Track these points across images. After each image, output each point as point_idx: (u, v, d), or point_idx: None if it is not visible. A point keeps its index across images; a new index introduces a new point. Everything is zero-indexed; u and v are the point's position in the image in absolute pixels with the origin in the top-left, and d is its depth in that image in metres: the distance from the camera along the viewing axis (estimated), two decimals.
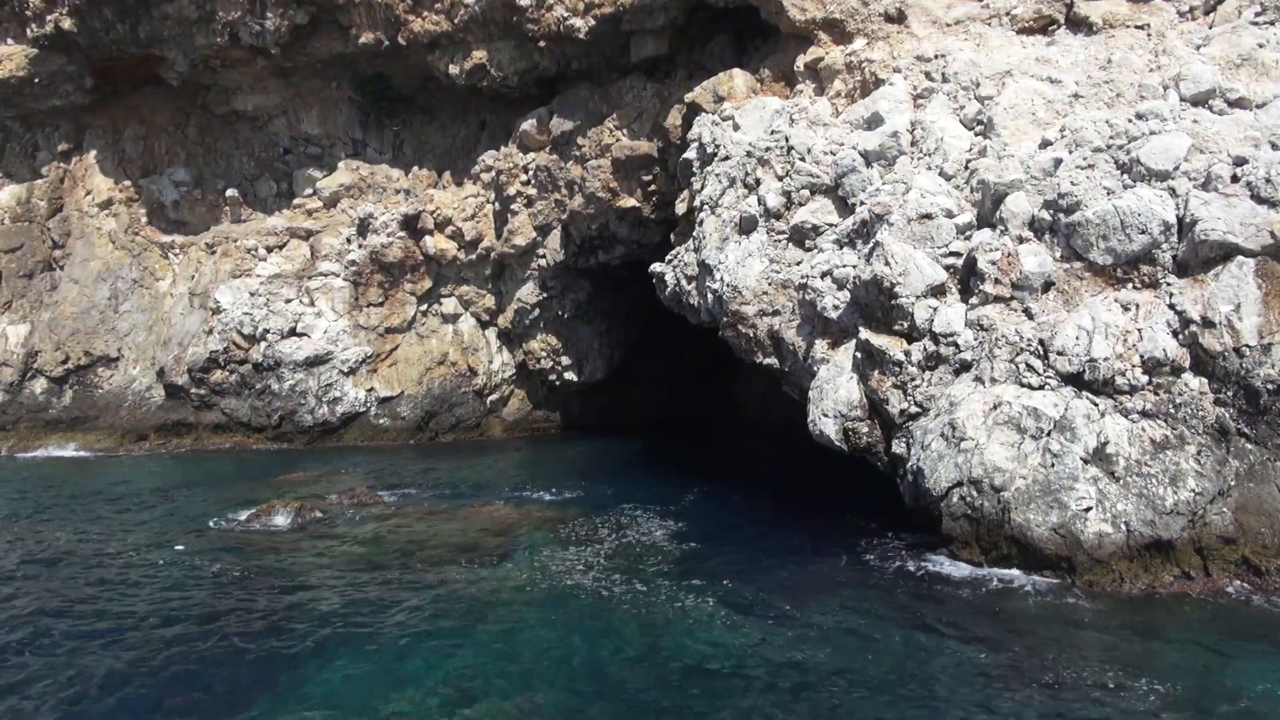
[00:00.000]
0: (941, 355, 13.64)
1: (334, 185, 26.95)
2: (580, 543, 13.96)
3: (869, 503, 16.11)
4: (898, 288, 13.94)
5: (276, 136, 27.94)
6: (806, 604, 11.25)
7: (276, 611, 11.26)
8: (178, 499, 17.25)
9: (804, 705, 8.60)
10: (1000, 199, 14.07)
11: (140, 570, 12.86)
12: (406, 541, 14.01)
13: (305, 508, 15.33)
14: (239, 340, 24.15)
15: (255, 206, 27.93)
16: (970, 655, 9.62)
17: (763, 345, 16.71)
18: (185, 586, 12.17)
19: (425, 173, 26.96)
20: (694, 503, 17.00)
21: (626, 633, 10.37)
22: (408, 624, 10.69)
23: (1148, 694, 8.58)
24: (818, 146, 17.55)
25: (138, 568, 12.98)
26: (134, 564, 13.17)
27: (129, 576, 12.64)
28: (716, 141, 18.81)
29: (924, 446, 12.99)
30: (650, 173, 22.65)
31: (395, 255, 24.85)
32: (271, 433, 23.94)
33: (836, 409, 14.47)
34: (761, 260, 16.92)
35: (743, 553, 13.66)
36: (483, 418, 25.82)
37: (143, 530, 14.95)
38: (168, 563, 13.13)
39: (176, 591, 11.97)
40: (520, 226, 24.73)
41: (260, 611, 11.27)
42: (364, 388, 24.50)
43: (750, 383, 29.75)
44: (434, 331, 25.67)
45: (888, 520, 14.77)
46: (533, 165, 24.31)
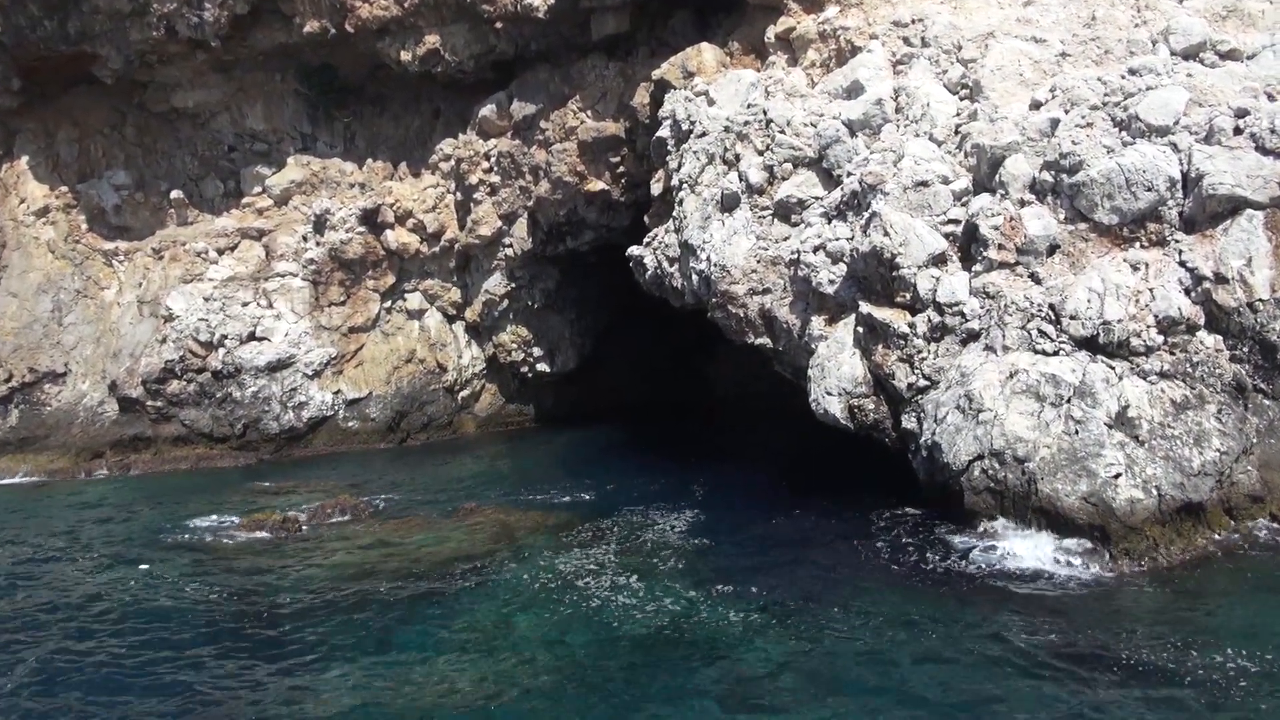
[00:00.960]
0: (947, 326, 13.26)
1: (284, 182, 25.84)
2: (587, 544, 13.36)
3: (874, 481, 15.74)
4: (899, 258, 13.52)
5: (220, 134, 26.68)
6: (843, 599, 10.78)
7: (273, 631, 10.52)
8: (147, 516, 16.29)
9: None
10: (998, 162, 13.70)
11: (129, 590, 11.98)
12: (403, 552, 13.29)
13: (289, 520, 14.50)
14: (195, 348, 23.03)
15: (202, 207, 26.67)
16: (1021, 636, 9.24)
17: (754, 325, 16.20)
18: (180, 610, 11.35)
19: (380, 165, 25.96)
20: (691, 490, 16.46)
21: (661, 651, 9.80)
22: (420, 641, 10.02)
23: (1216, 665, 8.27)
24: (797, 118, 17.05)
25: (119, 591, 12.10)
26: (117, 590, 12.27)
27: (128, 602, 11.76)
28: (692, 118, 18.23)
29: (938, 420, 12.60)
30: (618, 154, 21.99)
31: (355, 251, 23.88)
32: (236, 442, 22.90)
33: (840, 386, 14.03)
34: (748, 238, 16.41)
35: (760, 549, 13.12)
36: (455, 415, 25.01)
37: (113, 548, 14.01)
38: (158, 584, 12.25)
39: (169, 618, 11.14)
40: (484, 216, 23.92)
41: (258, 631, 10.52)
42: (330, 390, 23.55)
43: (724, 365, 29.33)
44: (400, 329, 24.77)
45: (898, 499, 14.40)
46: (494, 152, 23.50)
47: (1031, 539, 11.43)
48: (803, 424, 22.75)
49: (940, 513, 13.16)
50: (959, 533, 12.47)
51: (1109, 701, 7.84)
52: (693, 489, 16.40)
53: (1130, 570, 10.46)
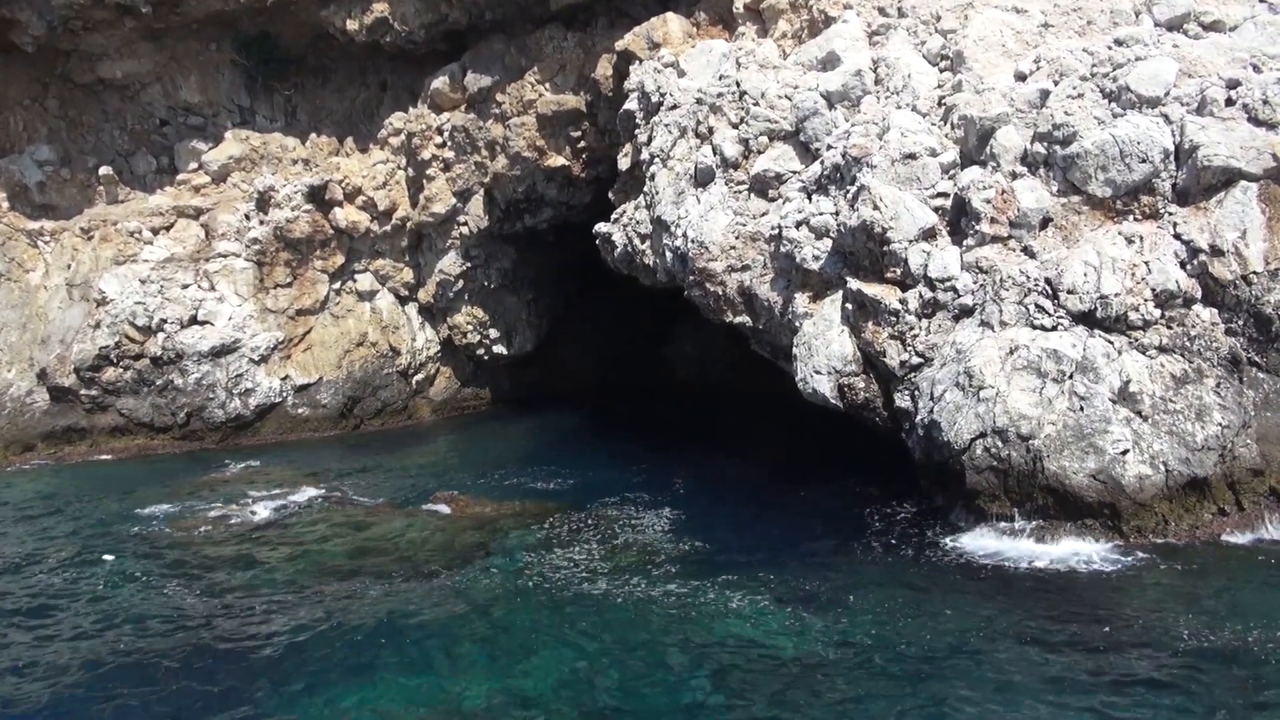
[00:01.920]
0: (939, 301, 12.97)
1: (222, 158, 24.55)
2: (572, 535, 12.84)
3: (857, 461, 15.53)
4: (890, 233, 13.18)
5: (151, 106, 25.25)
6: (841, 585, 10.45)
7: (250, 635, 9.78)
8: (97, 511, 15.23)
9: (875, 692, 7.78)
10: (987, 134, 13.42)
11: (91, 592, 11.07)
12: (379, 544, 12.60)
13: (254, 512, 13.64)
14: (132, 333, 21.77)
15: (133, 185, 25.23)
16: (1028, 621, 8.98)
17: (732, 303, 15.77)
18: (147, 610, 10.50)
19: (325, 140, 24.84)
20: (669, 476, 16.01)
21: (657, 639, 9.36)
22: (406, 641, 9.38)
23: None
24: (771, 90, 16.60)
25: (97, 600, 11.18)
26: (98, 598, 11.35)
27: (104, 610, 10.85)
28: (662, 90, 17.64)
29: (934, 398, 12.32)
30: (579, 128, 21.31)
31: (302, 230, 22.80)
32: (179, 432, 21.73)
33: (830, 365, 13.67)
34: (725, 213, 15.93)
35: (749, 534, 12.78)
36: (410, 400, 24.15)
37: (68, 545, 13.01)
38: (122, 586, 11.35)
39: (137, 623, 10.30)
40: (438, 193, 23.04)
41: (233, 637, 9.76)
42: (278, 376, 22.50)
43: (682, 345, 28.93)
44: (350, 311, 23.77)
45: (886, 480, 14.19)
46: (448, 126, 22.61)
47: (1033, 519, 11.25)
48: (771, 404, 22.66)
49: (934, 490, 13.00)
50: (956, 512, 12.28)
51: (1127, 688, 7.60)
52: (671, 477, 15.95)
53: (1142, 548, 10.29)
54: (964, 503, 12.04)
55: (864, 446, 15.83)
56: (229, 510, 13.84)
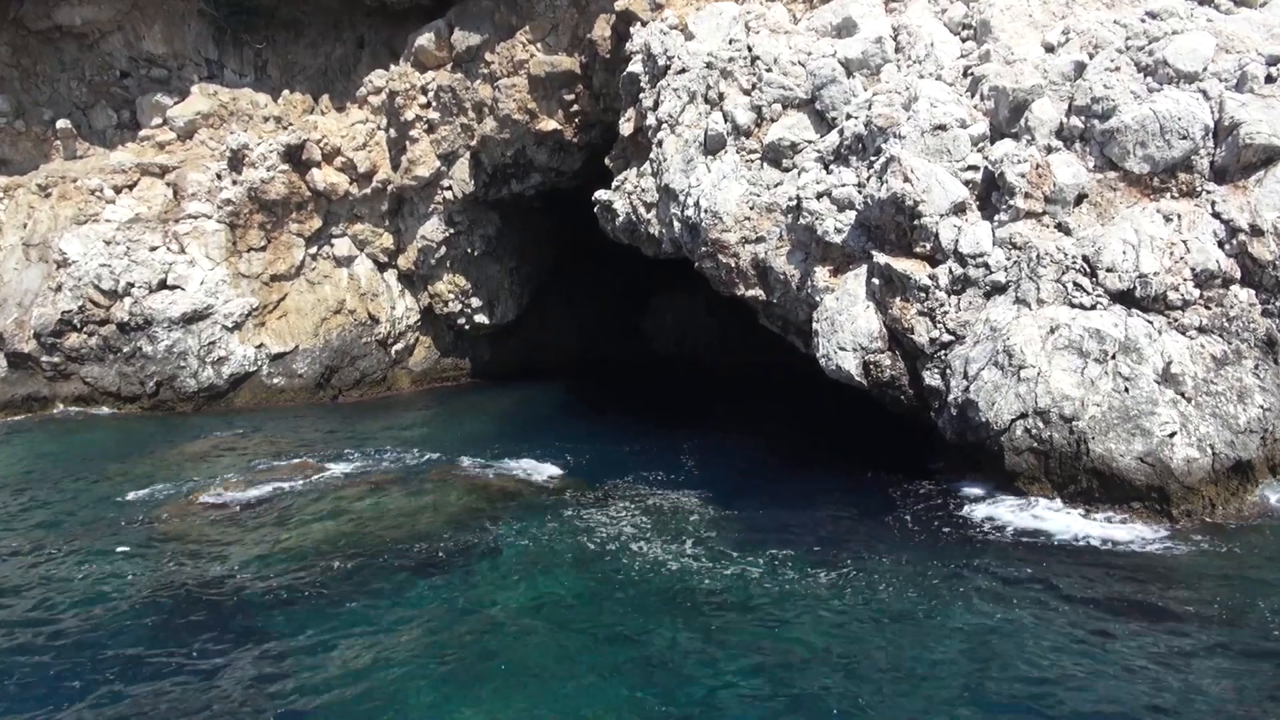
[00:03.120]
0: (970, 278, 12.66)
1: (189, 113, 23.37)
2: (584, 509, 12.34)
3: (863, 435, 15.28)
4: (921, 206, 12.80)
5: (112, 57, 23.92)
6: (883, 560, 10.14)
7: (258, 621, 9.16)
8: (79, 486, 14.33)
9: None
10: (1020, 106, 13.08)
11: (75, 580, 10.31)
12: (386, 522, 11.97)
13: (250, 486, 12.92)
14: (96, 296, 20.64)
15: (92, 140, 23.96)
16: (1072, 604, 8.75)
17: (745, 275, 15.31)
18: (147, 601, 9.80)
19: (299, 97, 23.75)
20: (670, 449, 15.57)
21: (696, 615, 8.97)
22: (431, 623, 8.85)
23: None
24: (784, 56, 16.07)
25: (85, 583, 10.40)
26: (81, 579, 10.56)
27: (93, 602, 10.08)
28: (669, 52, 17.00)
29: (969, 376, 12.03)
30: (573, 91, 20.57)
31: (278, 191, 21.76)
32: (148, 402, 20.71)
33: (855, 341, 13.31)
34: (739, 182, 15.42)
35: (773, 508, 12.39)
36: (389, 370, 23.34)
37: (44, 528, 12.16)
38: (110, 570, 10.59)
39: (128, 611, 9.60)
40: (422, 155, 22.15)
41: (240, 624, 9.13)
42: (252, 344, 21.54)
43: (662, 318, 28.44)
44: (326, 277, 22.84)
45: (900, 453, 13.96)
46: (433, 86, 21.69)
47: (1076, 502, 11.05)
48: (758, 378, 22.36)
49: (959, 467, 12.81)
50: (984, 489, 12.07)
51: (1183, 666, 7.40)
52: (675, 452, 15.51)
53: (1191, 532, 10.13)
54: (1001, 483, 11.79)
55: (864, 419, 15.69)
56: (225, 489, 13.03)
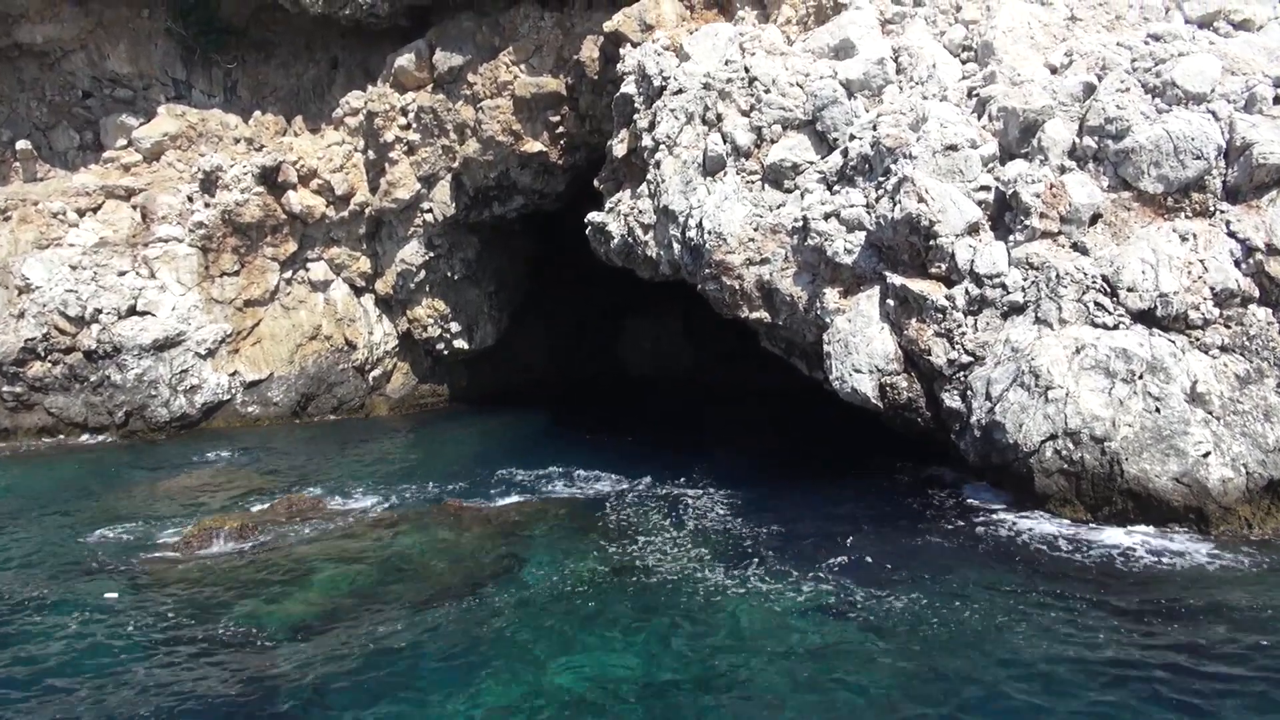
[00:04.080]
0: (987, 298, 12.52)
1: (156, 134, 22.57)
2: (614, 538, 11.87)
3: (876, 453, 15.07)
4: (936, 226, 12.65)
5: (74, 76, 23.06)
6: (925, 577, 9.85)
7: (290, 681, 8.53)
8: (48, 523, 13.49)
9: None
10: (1031, 127, 13.02)
11: (63, 637, 9.56)
12: (405, 563, 11.36)
13: (245, 527, 12.23)
14: (62, 324, 19.70)
15: (53, 162, 23.03)
16: (1117, 626, 8.54)
17: (749, 297, 15.03)
18: (145, 654, 9.10)
19: (271, 118, 23.08)
20: (675, 471, 15.19)
21: (750, 638, 8.60)
22: (479, 682, 8.34)
23: None
24: (782, 78, 15.92)
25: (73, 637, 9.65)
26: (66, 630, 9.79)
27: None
28: (665, 73, 16.76)
29: (992, 398, 11.85)
30: (558, 113, 20.24)
31: (253, 215, 21.04)
32: (116, 433, 19.77)
33: (872, 363, 13.08)
34: (742, 204, 15.18)
35: (796, 526, 12.05)
36: (366, 396, 22.65)
37: (22, 575, 11.34)
38: (100, 625, 9.85)
39: (131, 680, 8.90)
40: (401, 177, 21.60)
41: (274, 684, 8.50)
42: (226, 372, 20.73)
43: (637, 340, 28.16)
44: (302, 302, 22.11)
45: (917, 468, 13.79)
46: (413, 107, 21.20)
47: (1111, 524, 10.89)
48: (738, 398, 22.14)
49: (968, 480, 12.70)
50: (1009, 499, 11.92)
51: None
52: (680, 473, 15.12)
53: (1228, 552, 9.99)
54: (1032, 505, 11.61)
55: (857, 435, 15.56)
56: (222, 524, 12.31)
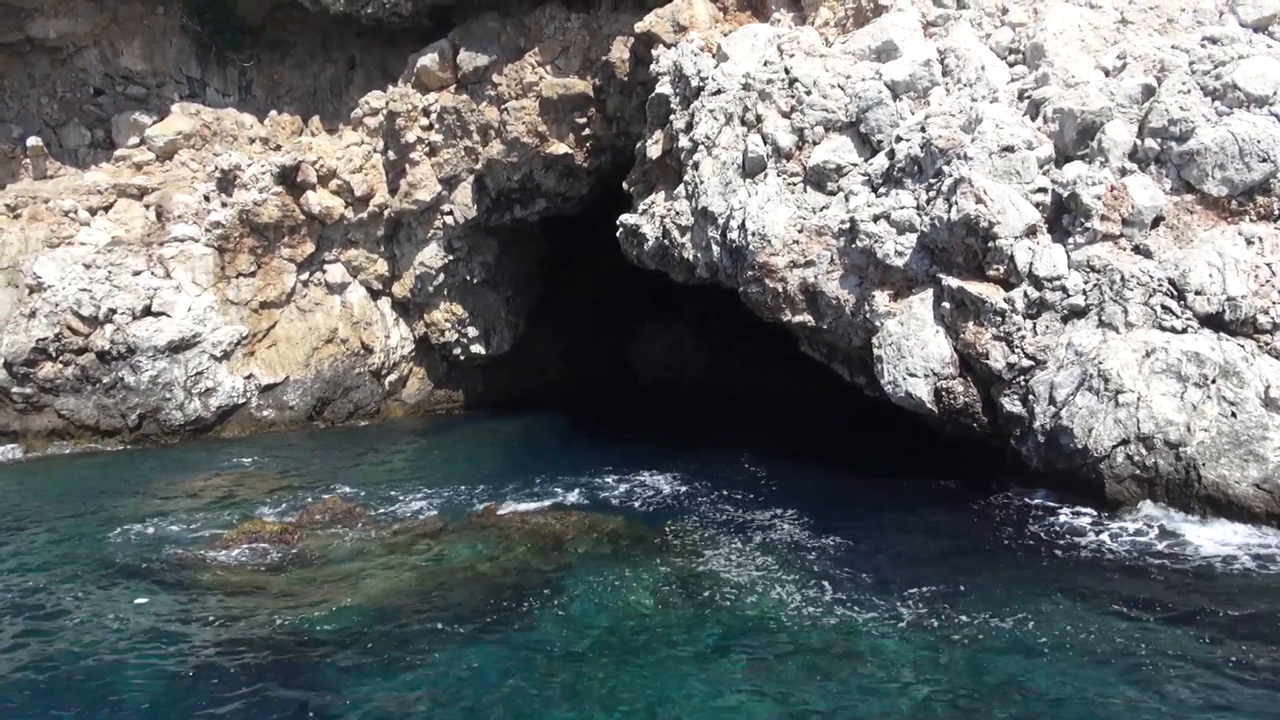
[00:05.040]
0: (1046, 301, 12.25)
1: (169, 133, 22.07)
2: (673, 552, 11.47)
3: (930, 459, 14.74)
4: (996, 228, 12.37)
5: (86, 73, 22.53)
6: (1009, 587, 9.51)
7: (340, 696, 8.09)
8: (80, 526, 12.95)
9: None
10: (1089, 129, 12.79)
11: (105, 646, 9.07)
12: (449, 572, 10.91)
13: (286, 532, 11.76)
14: (75, 324, 19.13)
15: (63, 159, 22.47)
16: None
17: (793, 301, 14.72)
18: (192, 659, 8.63)
19: (287, 118, 22.63)
20: (721, 478, 14.81)
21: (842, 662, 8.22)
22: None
23: None
24: (823, 79, 15.66)
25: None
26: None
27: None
28: (702, 74, 16.46)
29: (1056, 402, 11.56)
30: (585, 114, 19.90)
31: (271, 215, 20.56)
32: (128, 436, 19.20)
33: (927, 367, 12.77)
34: (786, 205, 14.88)
35: (862, 536, 11.65)
36: (381, 401, 22.15)
37: (74, 574, 10.82)
38: (147, 635, 9.37)
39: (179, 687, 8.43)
40: (422, 179, 21.19)
41: (323, 700, 8.05)
42: (241, 374, 20.20)
43: (650, 345, 27.79)
44: (318, 304, 21.61)
45: (976, 477, 13.46)
46: (436, 107, 20.81)
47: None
48: (761, 403, 21.79)
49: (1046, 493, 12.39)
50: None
51: None
52: (731, 479, 14.75)
53: None
54: (1103, 507, 11.30)
55: (888, 439, 15.42)
56: (260, 529, 11.83)
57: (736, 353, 25.50)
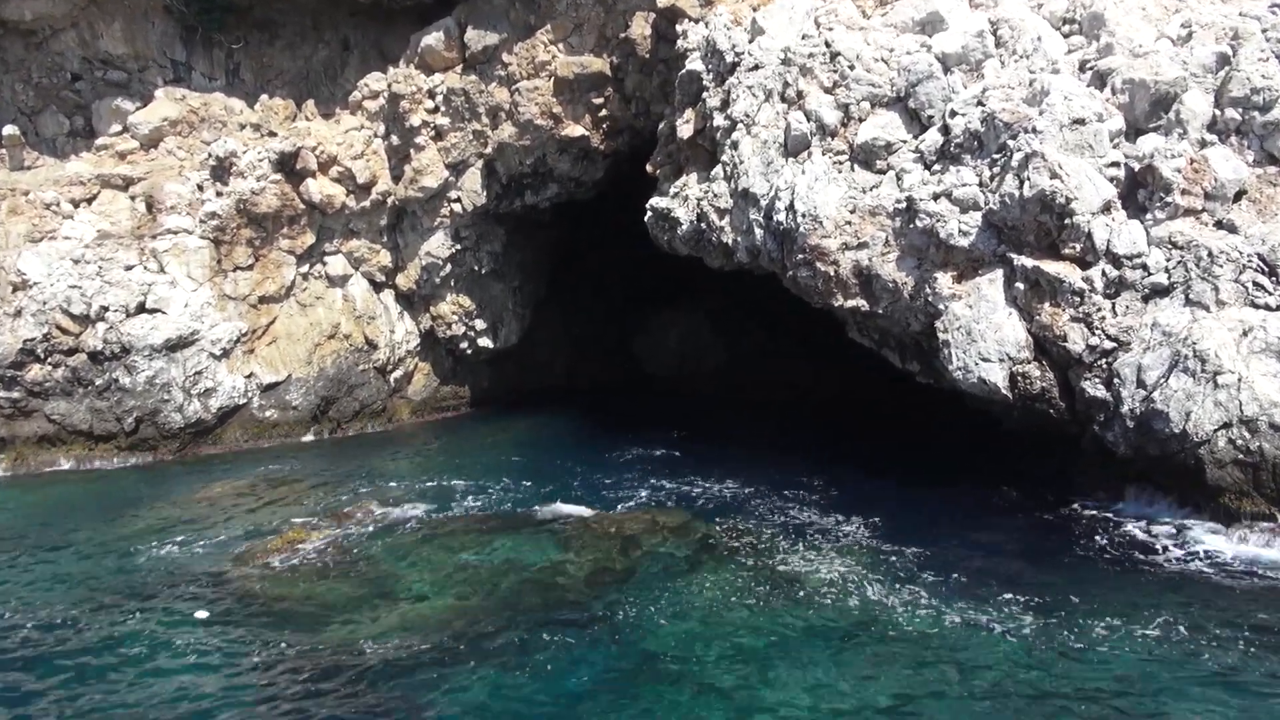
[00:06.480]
0: (1126, 279, 11.90)
1: (154, 120, 21.13)
2: (742, 551, 11.00)
3: (983, 459, 14.40)
4: (1074, 204, 11.99)
5: (63, 57, 21.49)
6: (1098, 603, 9.16)
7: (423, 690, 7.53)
8: (106, 539, 12.21)
9: None
10: (1162, 100, 12.45)
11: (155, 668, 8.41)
12: (513, 575, 10.36)
13: (331, 540, 11.12)
14: (65, 322, 18.20)
15: (40, 149, 21.44)
16: None
17: (845, 285, 14.27)
18: (255, 679, 8.00)
19: (279, 103, 21.78)
20: (774, 478, 14.38)
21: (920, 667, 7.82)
22: None
23: None
24: (866, 53, 15.22)
25: None
26: None
27: None
28: (737, 49, 15.94)
29: (1146, 385, 11.21)
30: (602, 94, 19.30)
31: (269, 204, 19.72)
32: (125, 441, 18.32)
33: (1001, 351, 12.38)
34: (836, 185, 14.41)
35: (937, 543, 11.30)
36: (388, 399, 21.42)
37: (111, 589, 10.11)
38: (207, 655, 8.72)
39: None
40: (428, 164, 20.47)
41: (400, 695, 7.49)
42: (242, 373, 19.38)
43: (660, 337, 27.21)
44: (319, 298, 20.82)
45: (1049, 473, 13.13)
46: (442, 89, 20.10)
47: None
48: (777, 399, 21.38)
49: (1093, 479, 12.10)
50: (1168, 512, 11.29)
51: None
52: (771, 474, 14.32)
53: None
54: (1206, 502, 10.98)
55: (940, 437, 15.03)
56: (309, 538, 11.17)
57: (755, 345, 25.03)
